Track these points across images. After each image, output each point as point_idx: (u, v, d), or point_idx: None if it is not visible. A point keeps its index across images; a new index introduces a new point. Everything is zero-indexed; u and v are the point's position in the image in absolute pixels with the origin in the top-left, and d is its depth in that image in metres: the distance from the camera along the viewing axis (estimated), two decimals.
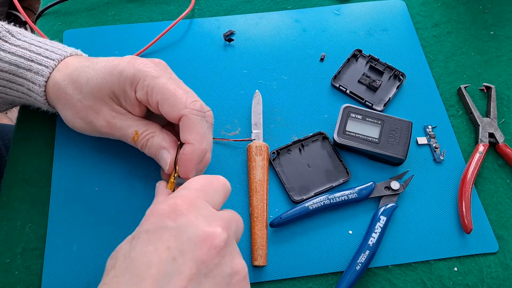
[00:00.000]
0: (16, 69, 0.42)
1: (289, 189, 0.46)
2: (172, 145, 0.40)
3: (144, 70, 0.39)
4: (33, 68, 0.42)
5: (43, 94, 0.43)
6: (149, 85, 0.38)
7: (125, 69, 0.39)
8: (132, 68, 0.39)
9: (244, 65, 0.55)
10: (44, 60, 0.42)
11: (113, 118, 0.41)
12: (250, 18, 0.58)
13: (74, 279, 0.41)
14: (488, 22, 0.59)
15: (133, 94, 0.40)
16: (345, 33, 0.58)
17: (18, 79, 0.43)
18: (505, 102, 0.53)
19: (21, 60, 0.42)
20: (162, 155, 0.40)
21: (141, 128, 0.41)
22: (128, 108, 0.41)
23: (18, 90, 0.44)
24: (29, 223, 0.44)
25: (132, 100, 0.40)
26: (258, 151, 0.47)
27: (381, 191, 0.46)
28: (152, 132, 0.41)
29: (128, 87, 0.39)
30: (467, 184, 0.46)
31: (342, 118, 0.48)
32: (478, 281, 0.43)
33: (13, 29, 0.45)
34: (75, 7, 0.59)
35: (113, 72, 0.40)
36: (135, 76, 0.39)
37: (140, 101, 0.40)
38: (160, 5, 0.60)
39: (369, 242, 0.42)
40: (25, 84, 0.43)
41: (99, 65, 0.41)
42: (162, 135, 0.41)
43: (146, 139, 0.41)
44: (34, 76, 0.42)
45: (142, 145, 0.41)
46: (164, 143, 0.40)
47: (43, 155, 0.48)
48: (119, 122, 0.41)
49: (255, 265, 0.42)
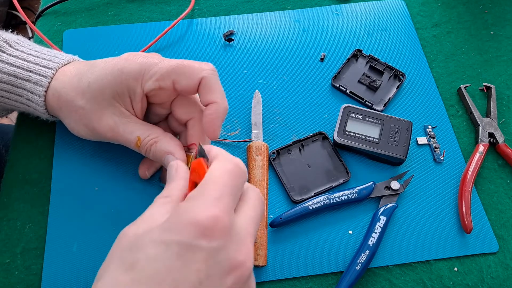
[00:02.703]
0: (15, 79, 0.42)
1: (289, 189, 0.46)
2: (177, 149, 0.40)
3: (146, 62, 0.39)
4: (32, 79, 0.42)
5: (43, 104, 0.42)
6: (157, 71, 0.38)
7: (125, 66, 0.39)
8: (134, 63, 0.39)
9: (244, 65, 0.55)
10: (42, 70, 0.42)
11: (115, 124, 0.41)
12: (250, 18, 0.58)
13: (74, 279, 0.41)
14: (488, 22, 0.59)
15: (139, 89, 0.39)
16: (345, 33, 0.58)
17: (17, 89, 0.43)
18: (505, 102, 0.53)
19: (20, 70, 0.42)
20: (167, 160, 0.40)
21: (143, 134, 0.40)
22: (130, 107, 0.41)
23: (17, 100, 0.44)
24: (29, 223, 0.44)
25: (137, 95, 0.40)
26: (258, 151, 0.47)
27: (381, 191, 0.46)
28: (155, 137, 0.40)
29: (133, 82, 0.39)
30: (467, 184, 0.46)
31: (342, 118, 0.48)
32: (478, 281, 0.43)
33: (11, 38, 0.44)
34: (75, 7, 0.59)
35: (113, 71, 0.39)
36: (140, 70, 0.39)
37: (148, 92, 0.40)
38: (160, 5, 0.60)
39: (369, 242, 0.42)
40: (24, 94, 0.43)
41: (98, 67, 0.41)
42: (166, 139, 0.40)
43: (149, 145, 0.40)
44: (34, 86, 0.42)
45: (146, 150, 0.41)
46: (169, 147, 0.40)
47: (43, 155, 0.48)
48: (121, 128, 0.41)
49: (255, 265, 0.42)
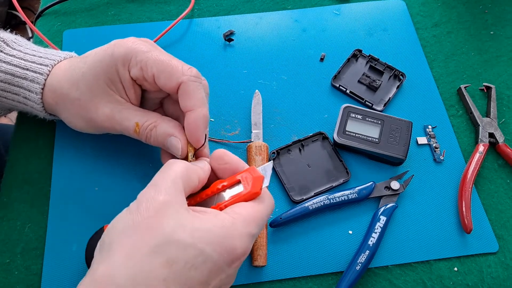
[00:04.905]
0: (12, 78, 0.42)
1: (289, 189, 0.46)
2: (178, 130, 0.39)
3: (134, 48, 0.39)
4: (29, 76, 0.42)
5: (40, 101, 0.42)
6: (142, 60, 0.38)
7: (114, 50, 0.39)
8: (122, 48, 0.39)
9: (244, 65, 0.55)
10: (38, 68, 0.42)
11: (111, 112, 0.40)
12: (250, 18, 0.58)
13: (74, 279, 0.41)
14: (488, 22, 0.59)
15: (127, 74, 0.39)
16: (345, 33, 0.58)
17: (14, 88, 0.43)
18: (505, 102, 0.53)
19: (17, 69, 0.42)
20: (171, 142, 0.39)
21: (141, 119, 0.40)
22: (124, 95, 0.41)
23: (14, 99, 0.44)
24: (29, 223, 0.44)
25: (127, 81, 0.40)
26: (258, 151, 0.47)
27: (381, 191, 0.46)
28: (154, 122, 0.40)
29: (121, 67, 0.39)
30: (467, 184, 0.46)
31: (342, 118, 0.48)
32: (478, 281, 0.43)
33: (8, 37, 0.44)
34: (75, 7, 0.59)
35: (104, 57, 0.39)
36: (127, 54, 0.39)
37: (135, 80, 0.40)
38: (160, 5, 0.60)
39: (369, 242, 0.42)
40: (21, 92, 0.43)
41: (89, 57, 0.41)
42: (166, 122, 0.40)
43: (149, 130, 0.40)
44: (30, 84, 0.42)
45: (146, 136, 0.40)
46: (170, 129, 0.39)
47: (42, 155, 0.48)
48: (118, 115, 0.40)
49: (255, 265, 0.42)
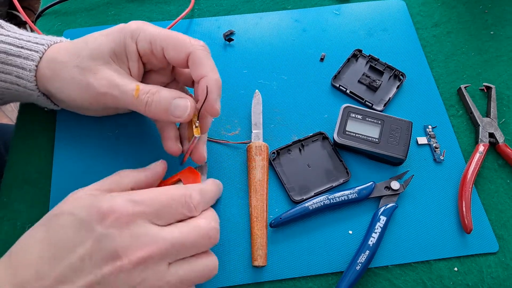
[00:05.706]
0: (5, 56, 0.42)
1: (289, 189, 0.46)
2: (183, 94, 0.39)
3: (143, 26, 0.41)
4: (23, 54, 0.42)
5: (33, 79, 0.42)
6: (152, 34, 0.40)
7: (123, 26, 0.41)
8: (133, 24, 0.41)
9: (244, 65, 0.55)
10: (34, 46, 0.42)
11: (111, 76, 0.40)
12: (250, 18, 0.58)
13: None
14: (488, 22, 0.59)
15: (134, 47, 0.40)
16: (345, 33, 0.58)
17: (6, 67, 0.42)
18: (505, 102, 0.53)
19: (11, 47, 0.42)
20: (177, 102, 0.38)
21: (143, 85, 0.39)
22: (126, 68, 0.41)
23: (7, 80, 0.43)
24: (29, 223, 0.44)
25: (132, 53, 0.41)
26: (258, 151, 0.47)
27: (381, 191, 0.46)
28: (156, 88, 0.39)
29: (128, 39, 0.40)
30: (467, 184, 0.46)
31: (342, 118, 0.48)
32: (478, 281, 0.43)
33: (3, 22, 0.45)
34: (75, 7, 0.59)
35: (112, 32, 0.41)
36: (137, 29, 0.40)
37: (142, 56, 0.41)
38: (160, 5, 0.60)
39: (369, 242, 0.42)
40: (14, 71, 0.42)
41: (95, 34, 0.42)
42: (169, 88, 0.40)
43: (151, 93, 0.38)
44: (24, 61, 0.42)
45: (147, 102, 0.38)
46: (175, 93, 0.39)
47: (42, 155, 0.48)
48: (118, 79, 0.40)
49: (255, 265, 0.42)
